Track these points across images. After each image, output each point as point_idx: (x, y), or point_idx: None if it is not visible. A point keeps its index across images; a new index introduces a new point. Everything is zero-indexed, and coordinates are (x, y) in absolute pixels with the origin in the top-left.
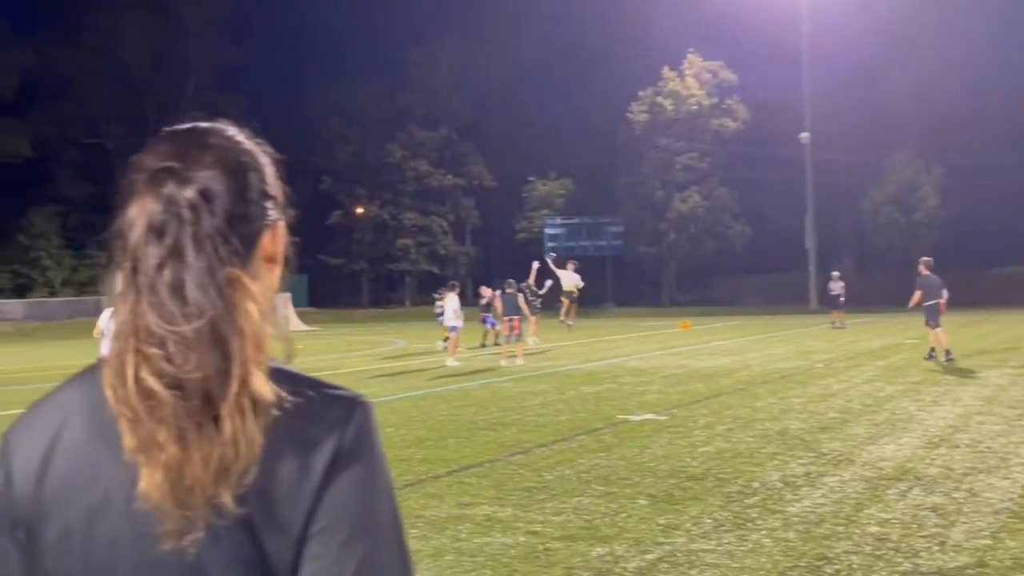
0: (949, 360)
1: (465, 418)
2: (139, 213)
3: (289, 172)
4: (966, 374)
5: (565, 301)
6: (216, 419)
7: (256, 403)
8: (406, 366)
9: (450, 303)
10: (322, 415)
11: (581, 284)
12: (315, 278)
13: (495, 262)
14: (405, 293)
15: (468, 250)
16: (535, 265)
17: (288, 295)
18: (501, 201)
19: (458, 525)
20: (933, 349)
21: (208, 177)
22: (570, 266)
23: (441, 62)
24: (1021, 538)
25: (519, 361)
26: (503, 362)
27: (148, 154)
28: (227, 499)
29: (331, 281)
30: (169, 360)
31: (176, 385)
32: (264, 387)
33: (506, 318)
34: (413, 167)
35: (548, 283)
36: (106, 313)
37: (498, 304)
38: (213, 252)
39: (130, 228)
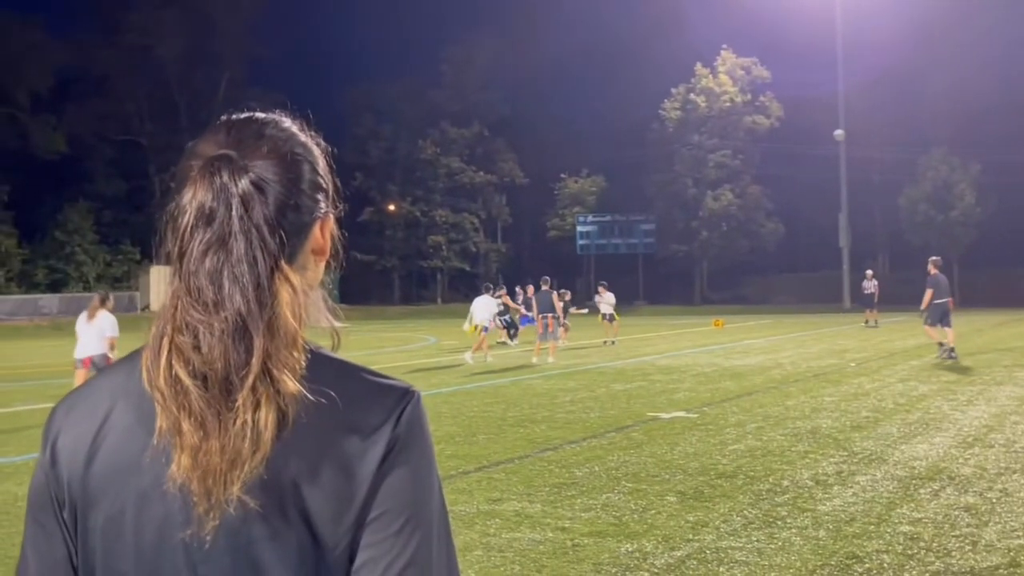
0: (943, 352)
1: (495, 415)
2: (191, 199)
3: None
4: (1002, 374)
5: (603, 321)
6: (234, 410)
7: (279, 396)
8: (437, 363)
9: (483, 303)
10: (376, 404)
11: (614, 302)
12: (346, 275)
13: (526, 259)
14: (436, 290)
15: (499, 247)
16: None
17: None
18: (532, 198)
19: (487, 520)
20: (952, 348)
21: (263, 167)
22: (601, 289)
23: (474, 59)
24: None
25: (550, 359)
26: (534, 359)
27: (205, 141)
28: (236, 489)
29: (362, 278)
30: (197, 349)
31: (200, 374)
32: (289, 382)
33: (540, 316)
34: (445, 164)
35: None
36: (81, 317)
37: (533, 302)
38: (259, 243)
39: (181, 214)
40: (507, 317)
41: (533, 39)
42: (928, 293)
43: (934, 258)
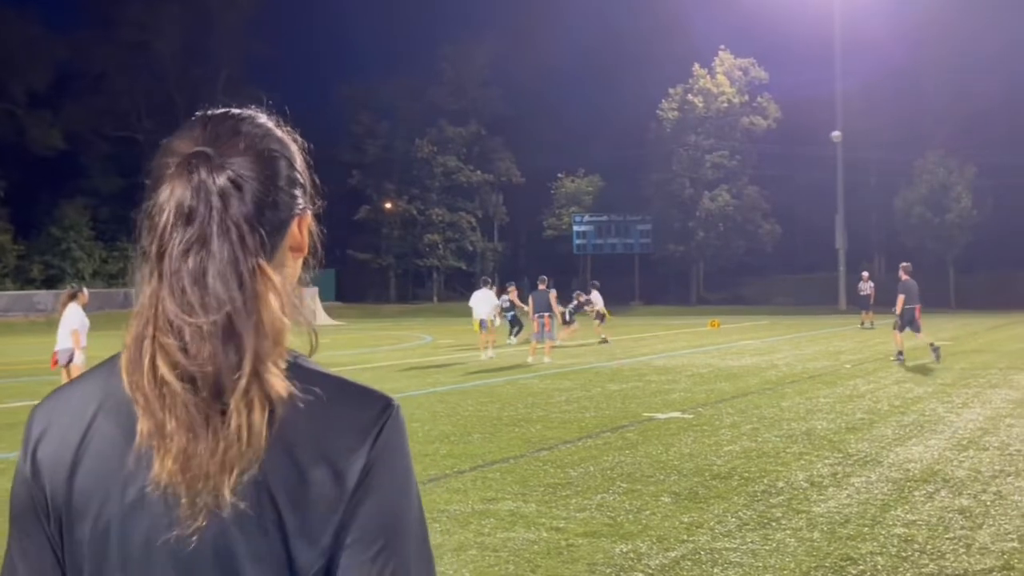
0: (899, 360)
1: (490, 414)
2: (169, 197)
3: (317, 166)
4: (996, 377)
5: (596, 321)
6: (224, 412)
7: (268, 399)
8: (433, 361)
9: (482, 297)
10: (355, 417)
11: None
12: (343, 273)
13: (523, 258)
14: (432, 289)
15: (496, 246)
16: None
17: (315, 289)
18: (529, 197)
19: (482, 520)
20: (935, 346)
21: (240, 164)
22: (592, 289)
23: (472, 58)
24: None
25: (546, 358)
26: (530, 359)
27: (180, 138)
28: (227, 492)
29: (359, 276)
30: (184, 351)
31: (188, 376)
32: (278, 383)
33: (536, 315)
34: (442, 162)
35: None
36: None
37: (530, 301)
38: (239, 241)
39: (159, 212)
40: (512, 313)
41: (532, 38)
42: (900, 299)
43: (904, 264)
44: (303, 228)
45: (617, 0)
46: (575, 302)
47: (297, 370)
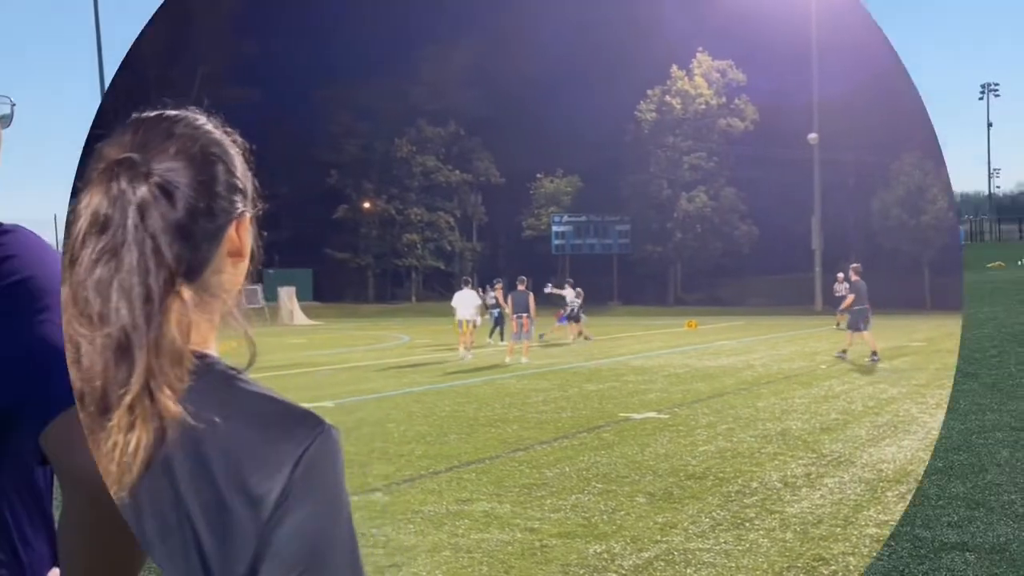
0: (874, 361)
1: (466, 414)
2: (87, 205)
3: (295, 165)
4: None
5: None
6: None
7: (158, 419)
8: (410, 361)
9: (465, 298)
10: (279, 440)
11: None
12: (320, 272)
13: (502, 258)
14: (411, 288)
15: (475, 246)
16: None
17: (292, 289)
18: (508, 198)
19: (456, 521)
20: (845, 350)
21: (170, 169)
22: (567, 286)
23: (452, 58)
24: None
25: (523, 359)
26: (508, 359)
27: (111, 143)
28: None
29: (337, 276)
30: (78, 363)
31: (78, 391)
32: (170, 405)
33: (514, 316)
34: (421, 162)
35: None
36: None
37: (509, 301)
38: (153, 254)
39: (76, 220)
40: (498, 310)
41: (512, 39)
42: (850, 298)
43: (855, 265)
44: (241, 232)
45: (596, 2)
46: (579, 300)
47: (229, 388)
